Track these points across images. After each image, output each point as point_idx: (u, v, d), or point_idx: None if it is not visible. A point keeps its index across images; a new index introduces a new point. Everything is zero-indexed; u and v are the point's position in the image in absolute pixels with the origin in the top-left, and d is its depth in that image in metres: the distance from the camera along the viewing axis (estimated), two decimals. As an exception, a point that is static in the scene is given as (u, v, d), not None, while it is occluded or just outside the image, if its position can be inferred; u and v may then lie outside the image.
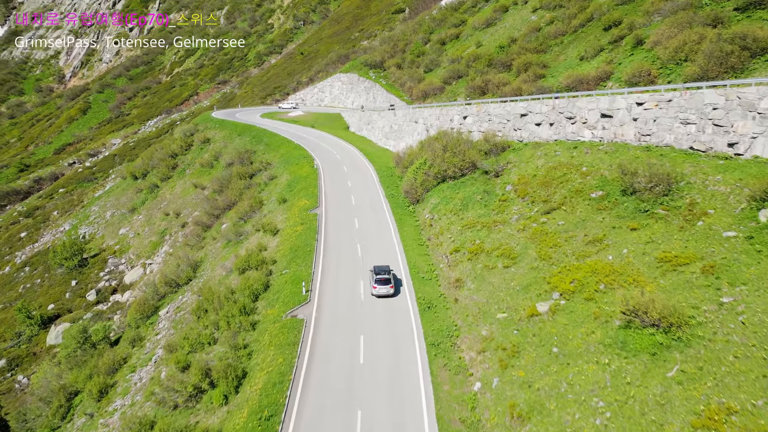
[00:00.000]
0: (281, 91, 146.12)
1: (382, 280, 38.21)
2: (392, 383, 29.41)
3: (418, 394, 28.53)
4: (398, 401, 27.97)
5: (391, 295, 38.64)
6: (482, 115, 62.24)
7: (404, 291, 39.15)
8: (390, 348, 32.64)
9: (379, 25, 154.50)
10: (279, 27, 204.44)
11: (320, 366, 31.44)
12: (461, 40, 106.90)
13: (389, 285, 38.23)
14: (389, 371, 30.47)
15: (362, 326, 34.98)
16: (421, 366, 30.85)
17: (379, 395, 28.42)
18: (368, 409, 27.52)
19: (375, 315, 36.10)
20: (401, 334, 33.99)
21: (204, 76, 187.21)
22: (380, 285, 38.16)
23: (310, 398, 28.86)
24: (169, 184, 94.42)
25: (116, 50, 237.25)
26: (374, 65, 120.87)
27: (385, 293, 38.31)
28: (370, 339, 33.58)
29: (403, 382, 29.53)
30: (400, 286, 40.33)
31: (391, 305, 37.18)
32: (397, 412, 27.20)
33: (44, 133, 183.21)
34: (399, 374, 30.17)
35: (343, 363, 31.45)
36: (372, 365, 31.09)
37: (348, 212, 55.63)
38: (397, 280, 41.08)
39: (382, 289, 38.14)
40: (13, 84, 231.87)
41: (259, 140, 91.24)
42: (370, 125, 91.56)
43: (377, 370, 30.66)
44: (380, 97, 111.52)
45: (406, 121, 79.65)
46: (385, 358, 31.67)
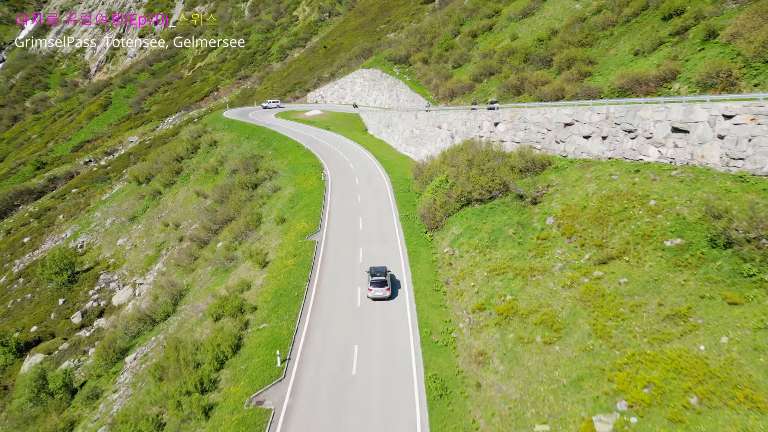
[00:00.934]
0: (301, 88, 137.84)
1: (378, 282, 36.68)
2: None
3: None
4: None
5: (387, 298, 36.97)
6: (517, 122, 52.11)
7: (411, 364, 29.77)
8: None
9: (407, 17, 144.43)
10: (304, 19, 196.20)
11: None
12: (494, 33, 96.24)
13: (385, 287, 36.77)
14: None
15: (349, 419, 25.83)
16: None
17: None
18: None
19: (369, 404, 26.86)
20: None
21: (225, 71, 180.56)
22: (376, 287, 36.68)
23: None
24: (172, 190, 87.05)
25: (141, 44, 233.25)
26: (399, 60, 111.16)
27: (381, 296, 36.85)
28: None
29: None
30: (398, 289, 38.36)
31: (393, 392, 27.80)
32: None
33: (65, 129, 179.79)
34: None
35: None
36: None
37: (352, 241, 46.49)
38: (396, 281, 39.31)
39: (377, 292, 36.70)
40: (39, 78, 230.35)
41: (268, 144, 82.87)
42: (390, 128, 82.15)
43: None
44: (403, 96, 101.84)
45: (429, 125, 69.91)
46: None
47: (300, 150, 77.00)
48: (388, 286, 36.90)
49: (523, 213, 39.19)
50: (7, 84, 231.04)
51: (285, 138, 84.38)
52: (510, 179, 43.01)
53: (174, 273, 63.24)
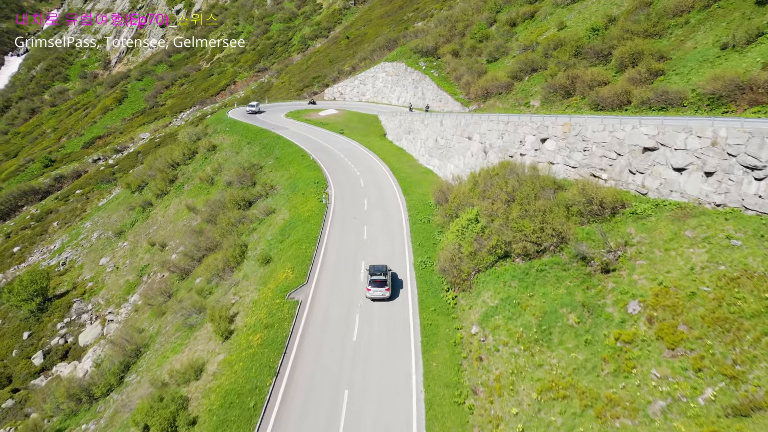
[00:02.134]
0: (320, 82, 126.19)
1: (377, 281, 34.60)
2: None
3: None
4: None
5: (387, 298, 34.78)
6: (573, 139, 39.22)
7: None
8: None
9: (437, 3, 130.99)
10: (328, 7, 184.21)
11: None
12: (537, 21, 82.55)
13: (385, 287, 34.71)
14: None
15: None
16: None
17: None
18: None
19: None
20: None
21: (244, 62, 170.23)
22: (375, 287, 34.61)
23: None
24: (164, 201, 76.77)
25: (162, 34, 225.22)
26: (426, 52, 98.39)
27: (380, 296, 34.71)
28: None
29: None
30: (400, 289, 35.91)
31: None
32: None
33: (78, 124, 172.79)
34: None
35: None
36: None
37: (348, 302, 34.66)
38: (397, 281, 36.84)
39: (377, 292, 34.63)
40: (60, 70, 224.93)
41: (270, 152, 71.57)
42: (411, 135, 69.70)
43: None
44: (430, 93, 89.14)
45: (456, 135, 57.30)
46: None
47: (305, 160, 65.38)
48: (387, 287, 34.77)
49: (589, 286, 26.65)
50: (28, 75, 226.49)
51: (290, 144, 72.88)
52: (568, 229, 30.38)
53: (146, 312, 52.72)
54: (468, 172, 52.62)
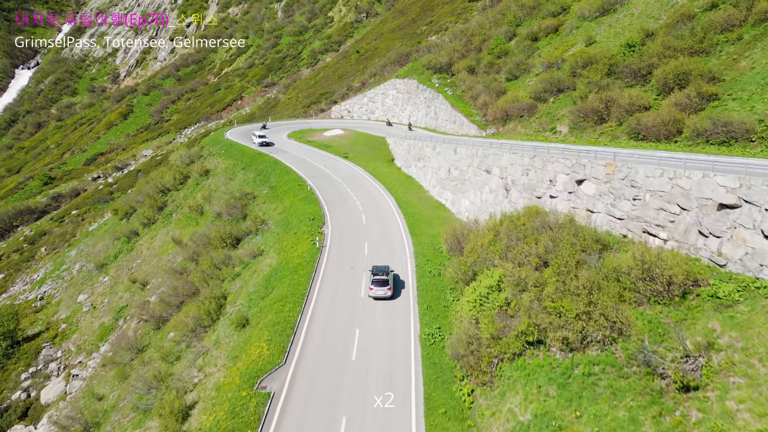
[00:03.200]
0: (328, 99, 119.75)
1: (379, 281, 35.32)
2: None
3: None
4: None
5: (388, 297, 35.51)
6: (619, 184, 31.55)
7: None
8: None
9: (453, 16, 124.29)
10: (339, 20, 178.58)
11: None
12: (562, 35, 75.18)
13: (387, 287, 35.37)
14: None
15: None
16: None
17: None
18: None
19: None
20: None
21: (252, 77, 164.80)
22: (377, 286, 35.34)
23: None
24: (150, 232, 70.19)
25: (171, 48, 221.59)
26: (439, 68, 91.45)
27: (382, 295, 35.43)
28: None
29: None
30: (401, 289, 36.82)
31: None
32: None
33: (83, 139, 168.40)
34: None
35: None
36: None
37: (333, 398, 27.07)
38: (399, 280, 37.87)
39: (379, 291, 35.36)
40: (68, 83, 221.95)
41: (265, 179, 64.71)
42: (421, 162, 62.31)
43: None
44: (443, 114, 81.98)
45: (472, 166, 49.84)
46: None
47: (302, 191, 58.28)
48: (389, 286, 35.67)
49: (662, 411, 18.94)
50: (36, 89, 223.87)
51: (288, 171, 65.94)
52: (624, 316, 22.68)
53: (111, 371, 45.68)
54: (486, 213, 45.05)
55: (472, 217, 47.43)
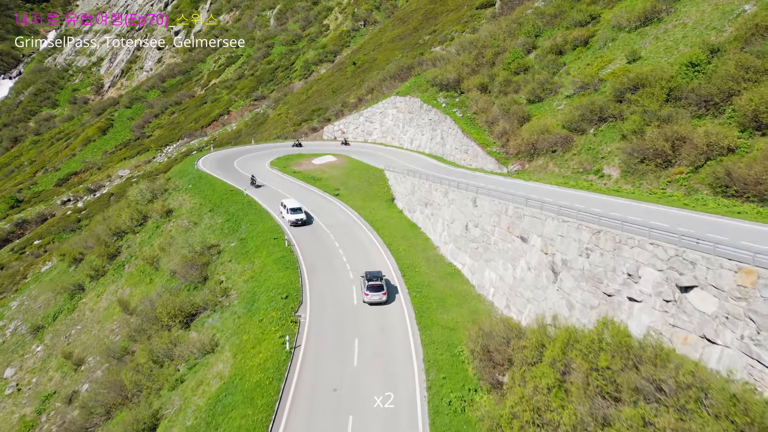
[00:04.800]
0: (321, 116, 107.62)
1: (374, 286, 35.97)
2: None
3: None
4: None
5: (383, 302, 36.04)
6: (765, 305, 19.09)
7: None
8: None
9: (458, 25, 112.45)
10: (335, 29, 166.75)
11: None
12: (594, 49, 63.05)
13: (382, 292, 36.02)
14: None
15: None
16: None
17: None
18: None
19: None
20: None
21: (240, 90, 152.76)
22: (372, 292, 35.92)
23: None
24: (97, 288, 57.75)
25: (158, 57, 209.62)
26: (446, 85, 79.37)
27: (377, 300, 36.05)
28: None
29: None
30: (396, 294, 37.32)
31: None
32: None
33: (58, 156, 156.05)
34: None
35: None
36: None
37: None
38: (391, 286, 38.21)
39: (374, 296, 35.90)
40: (49, 95, 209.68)
41: (236, 226, 52.29)
42: (429, 209, 49.75)
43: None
44: (452, 140, 69.76)
45: (500, 227, 37.39)
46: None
47: (278, 246, 45.86)
48: (384, 291, 35.93)
49: None
50: (15, 100, 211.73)
51: (264, 215, 53.54)
52: None
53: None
54: (523, 297, 32.56)
55: (502, 300, 34.95)
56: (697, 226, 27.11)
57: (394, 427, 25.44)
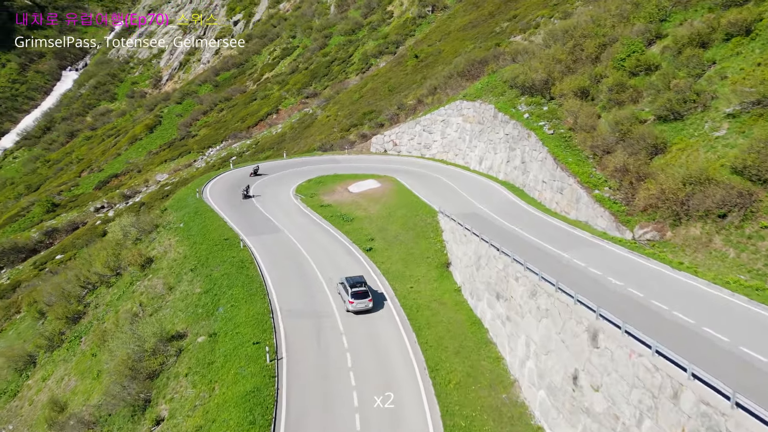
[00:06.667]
0: (372, 120, 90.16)
1: (359, 293, 33.23)
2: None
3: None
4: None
5: (369, 310, 33.34)
6: None
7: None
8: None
9: (546, 8, 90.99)
10: (399, 16, 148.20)
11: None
12: (762, 40, 40.99)
13: (367, 299, 33.43)
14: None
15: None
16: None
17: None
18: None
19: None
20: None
21: (292, 85, 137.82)
22: (357, 299, 33.18)
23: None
24: (46, 367, 43.44)
25: (216, 49, 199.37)
26: (530, 88, 59.57)
27: (363, 308, 33.40)
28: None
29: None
30: (384, 300, 34.71)
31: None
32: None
33: (104, 154, 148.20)
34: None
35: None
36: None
37: None
38: (378, 294, 35.17)
39: (359, 304, 33.29)
40: (108, 88, 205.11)
41: (214, 304, 35.82)
42: (503, 305, 30.54)
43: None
44: (538, 167, 50.08)
45: (652, 391, 17.93)
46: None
47: (255, 363, 28.76)
48: (370, 297, 33.58)
49: None
50: (76, 93, 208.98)
51: (257, 288, 36.66)
52: None
53: None
54: None
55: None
56: None
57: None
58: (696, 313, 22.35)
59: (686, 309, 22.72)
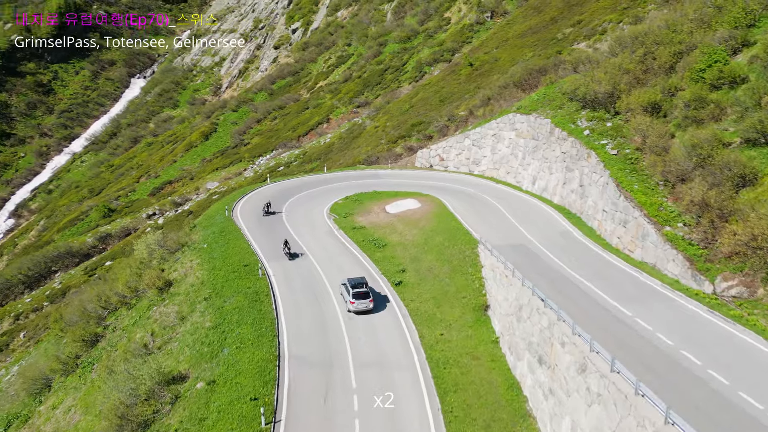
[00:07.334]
0: (421, 132, 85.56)
1: (360, 294, 34.11)
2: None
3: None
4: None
5: (370, 310, 34.15)
6: None
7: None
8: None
9: (613, 13, 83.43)
10: (457, 22, 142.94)
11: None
12: None
13: (368, 299, 34.29)
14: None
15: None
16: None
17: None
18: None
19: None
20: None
21: (344, 94, 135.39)
22: (358, 300, 34.04)
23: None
24: (57, 394, 41.45)
25: (274, 57, 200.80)
26: (591, 101, 53.43)
27: (364, 308, 34.20)
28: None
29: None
30: (387, 302, 35.42)
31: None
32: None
33: (162, 161, 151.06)
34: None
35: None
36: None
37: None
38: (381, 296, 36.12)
39: (360, 305, 34.08)
40: (171, 95, 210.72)
41: (220, 344, 32.20)
42: (544, 372, 24.96)
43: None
44: (597, 193, 43.96)
45: None
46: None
47: (249, 431, 24.81)
48: (371, 298, 34.39)
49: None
50: (142, 100, 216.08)
51: (268, 327, 32.90)
52: None
53: None
54: None
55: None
56: None
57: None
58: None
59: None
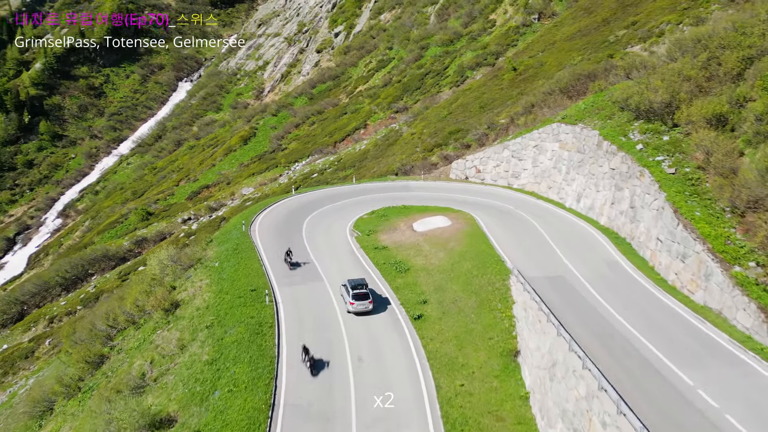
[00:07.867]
0: (458, 141, 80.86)
1: (360, 295, 34.34)
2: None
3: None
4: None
5: (369, 311, 34.43)
6: None
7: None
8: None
9: (672, 14, 76.48)
10: (502, 24, 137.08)
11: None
12: None
13: (368, 300, 34.50)
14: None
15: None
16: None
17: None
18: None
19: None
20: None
21: (383, 99, 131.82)
22: (358, 300, 34.28)
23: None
24: (57, 419, 39.32)
25: (316, 60, 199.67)
26: (647, 111, 47.80)
27: (363, 309, 34.46)
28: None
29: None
30: (388, 304, 35.57)
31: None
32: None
33: (201, 165, 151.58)
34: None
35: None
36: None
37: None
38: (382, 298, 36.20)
39: (360, 306, 34.37)
40: (215, 99, 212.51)
41: (213, 385, 28.91)
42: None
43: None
44: (651, 218, 38.50)
45: None
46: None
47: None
48: (370, 299, 34.57)
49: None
50: (187, 103, 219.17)
51: (264, 365, 29.38)
52: None
53: None
54: None
55: None
56: None
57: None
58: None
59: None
